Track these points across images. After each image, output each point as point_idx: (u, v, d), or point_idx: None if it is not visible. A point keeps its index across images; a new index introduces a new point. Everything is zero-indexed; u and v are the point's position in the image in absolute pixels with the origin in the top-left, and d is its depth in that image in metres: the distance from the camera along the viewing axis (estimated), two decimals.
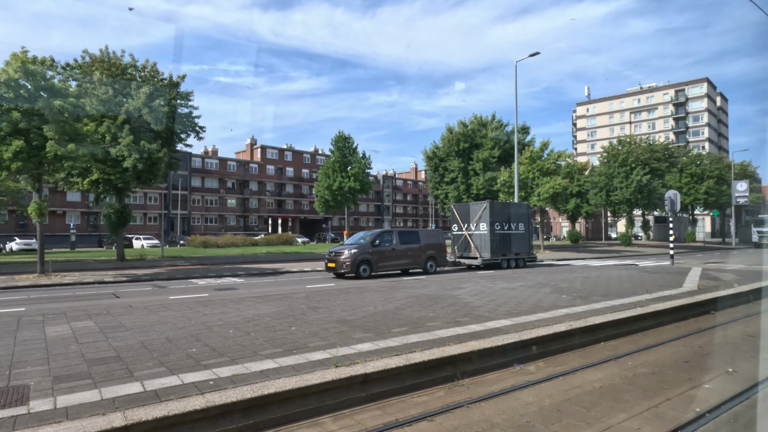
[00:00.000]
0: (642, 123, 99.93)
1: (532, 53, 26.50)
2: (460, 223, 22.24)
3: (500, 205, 22.05)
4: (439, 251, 19.43)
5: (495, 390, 5.59)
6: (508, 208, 22.10)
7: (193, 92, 26.66)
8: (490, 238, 20.83)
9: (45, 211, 17.86)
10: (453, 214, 22.64)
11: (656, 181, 48.20)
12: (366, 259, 17.37)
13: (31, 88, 16.88)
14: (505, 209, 21.84)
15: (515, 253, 21.95)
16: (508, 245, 21.57)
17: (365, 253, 17.45)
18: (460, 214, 22.35)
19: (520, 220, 22.31)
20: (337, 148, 47.70)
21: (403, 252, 18.37)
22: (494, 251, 20.94)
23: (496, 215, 21.18)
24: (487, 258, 20.78)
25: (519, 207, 22.76)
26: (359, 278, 16.84)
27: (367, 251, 17.48)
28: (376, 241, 17.87)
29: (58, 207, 56.10)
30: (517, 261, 22.10)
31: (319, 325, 8.01)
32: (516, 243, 22.01)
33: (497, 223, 21.14)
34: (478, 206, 21.48)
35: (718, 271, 18.98)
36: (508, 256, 21.54)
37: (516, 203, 23.61)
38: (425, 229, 24.10)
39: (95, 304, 10.89)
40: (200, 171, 72.02)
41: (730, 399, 5.24)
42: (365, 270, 17.31)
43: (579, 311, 9.32)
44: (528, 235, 22.68)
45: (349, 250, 17.37)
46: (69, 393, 4.61)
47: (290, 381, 4.91)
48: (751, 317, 10.47)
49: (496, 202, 22.73)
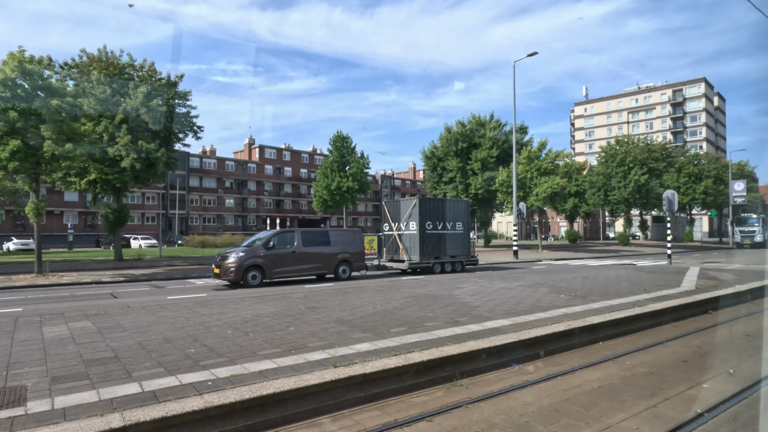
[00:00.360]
0: (640, 123, 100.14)
1: (530, 53, 26.52)
2: (390, 222, 19.95)
3: (433, 201, 19.80)
4: (354, 254, 17.20)
5: (494, 390, 5.58)
6: (443, 205, 19.74)
7: (191, 92, 26.62)
8: (419, 238, 18.45)
9: (42, 211, 17.81)
10: (383, 212, 20.49)
11: (654, 180, 48.30)
12: (256, 264, 14.79)
13: (29, 87, 16.83)
14: (440, 207, 19.50)
15: (451, 255, 19.54)
16: (442, 247, 19.22)
17: (255, 257, 14.86)
18: (390, 212, 20.02)
19: (458, 218, 19.90)
20: (336, 147, 47.67)
21: (308, 255, 15.93)
22: (425, 253, 18.63)
23: (428, 213, 18.90)
24: (416, 261, 18.54)
25: (456, 204, 20.29)
26: (248, 286, 14.42)
27: (258, 255, 14.93)
28: (271, 242, 15.30)
29: (56, 207, 55.93)
30: (454, 264, 19.64)
31: (318, 325, 8.00)
32: (452, 244, 19.61)
33: (429, 222, 18.83)
34: (408, 203, 19.25)
35: (716, 270, 19.02)
36: (442, 259, 19.18)
37: (453, 200, 20.88)
38: (338, 228, 21.89)
39: (93, 305, 10.85)
40: (198, 171, 71.91)
41: (729, 398, 5.25)
42: (255, 277, 14.73)
43: (577, 311, 9.33)
44: (467, 235, 20.36)
45: (236, 254, 14.77)
46: (66, 394, 4.59)
47: (289, 381, 4.90)
48: (750, 316, 10.50)
49: (428, 198, 20.48)
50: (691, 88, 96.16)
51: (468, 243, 20.41)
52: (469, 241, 20.60)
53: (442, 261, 19.25)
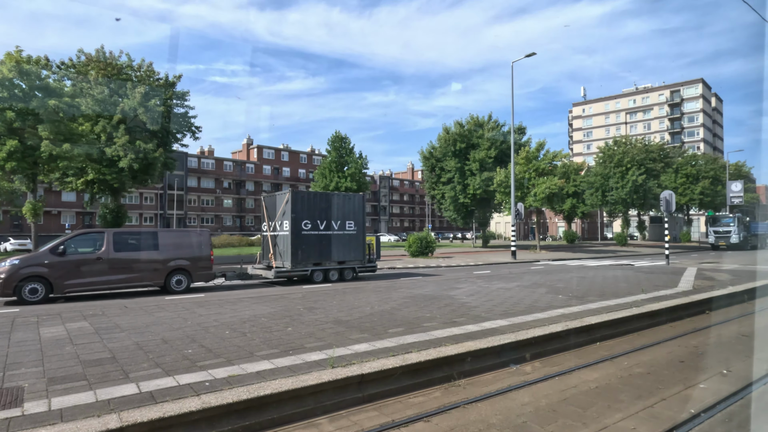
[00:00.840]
0: (637, 123, 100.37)
1: (528, 54, 26.54)
2: (268, 220, 16.58)
3: (313, 196, 16.10)
4: (194, 260, 13.66)
5: (491, 390, 5.60)
6: (328, 200, 16.07)
7: (189, 92, 26.59)
8: (292, 241, 15.03)
9: (40, 212, 17.79)
10: (262, 209, 16.95)
11: (652, 181, 48.42)
12: (38, 275, 11.41)
13: (26, 87, 16.82)
14: (322, 202, 15.90)
15: (338, 261, 16.16)
16: (325, 251, 15.82)
17: (36, 265, 11.51)
18: (268, 209, 16.62)
19: (349, 217, 16.37)
20: (334, 148, 47.70)
21: (123, 263, 12.59)
22: (300, 259, 15.23)
23: (306, 210, 15.41)
24: (285, 269, 15.13)
25: (346, 199, 16.60)
26: (24, 303, 11.13)
27: (40, 262, 11.56)
28: (62, 246, 11.86)
29: (53, 207, 55.81)
30: (343, 272, 16.19)
31: (316, 325, 8.01)
32: (340, 248, 16.15)
33: (307, 222, 15.36)
34: (282, 197, 15.85)
35: (713, 271, 19.08)
36: (325, 266, 15.81)
37: (342, 194, 17.17)
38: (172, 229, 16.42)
39: (90, 305, 10.83)
40: (196, 171, 71.82)
41: (725, 399, 5.27)
42: (35, 291, 11.32)
43: (575, 311, 9.35)
44: (361, 236, 16.77)
45: (10, 262, 11.52)
46: (64, 395, 4.58)
47: (286, 382, 4.90)
48: (746, 317, 10.54)
49: (305, 191, 16.99)
50: (689, 89, 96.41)
51: (363, 246, 16.87)
52: (365, 244, 17.01)
53: (326, 268, 15.83)
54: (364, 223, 17.10)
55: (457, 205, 41.95)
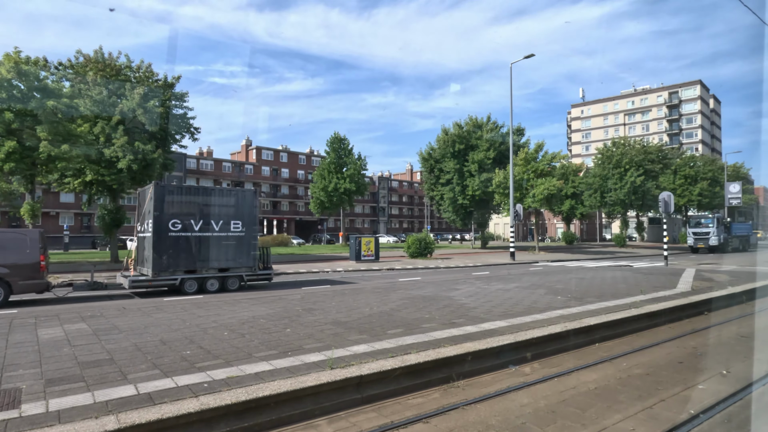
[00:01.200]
0: (636, 125, 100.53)
1: (527, 55, 26.56)
2: (138, 219, 14.35)
3: (185, 190, 13.55)
4: (16, 268, 11.21)
5: (490, 391, 5.59)
6: (207, 195, 13.58)
7: (188, 93, 26.57)
8: (154, 243, 12.62)
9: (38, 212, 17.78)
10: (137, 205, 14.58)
11: (650, 182, 48.50)
12: None
13: (24, 88, 16.80)
14: (197, 197, 13.38)
15: (219, 268, 13.64)
16: (201, 256, 13.30)
17: None
18: (139, 205, 14.29)
19: (235, 216, 13.83)
20: (333, 149, 47.72)
21: None
22: (165, 266, 12.79)
23: (176, 206, 12.94)
24: (144, 277, 12.80)
25: (231, 195, 14.15)
26: None
27: None
28: None
29: (51, 208, 55.68)
30: (224, 280, 13.70)
31: (315, 326, 7.99)
32: (222, 252, 13.62)
33: (176, 221, 12.86)
34: (146, 192, 13.59)
35: (712, 272, 19.10)
36: (201, 273, 13.32)
37: (227, 188, 14.88)
38: None
39: (88, 306, 10.81)
40: (195, 172, 71.77)
41: (724, 400, 5.27)
42: None
43: (574, 312, 9.35)
44: (251, 239, 14.13)
45: None
46: (61, 396, 4.57)
47: (285, 383, 4.89)
48: (745, 318, 10.54)
49: (175, 184, 14.20)
50: (687, 90, 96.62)
51: (252, 250, 14.20)
52: (255, 248, 14.31)
53: (202, 276, 13.33)
54: (256, 223, 14.39)
55: (456, 206, 41.97)
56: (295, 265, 24.84)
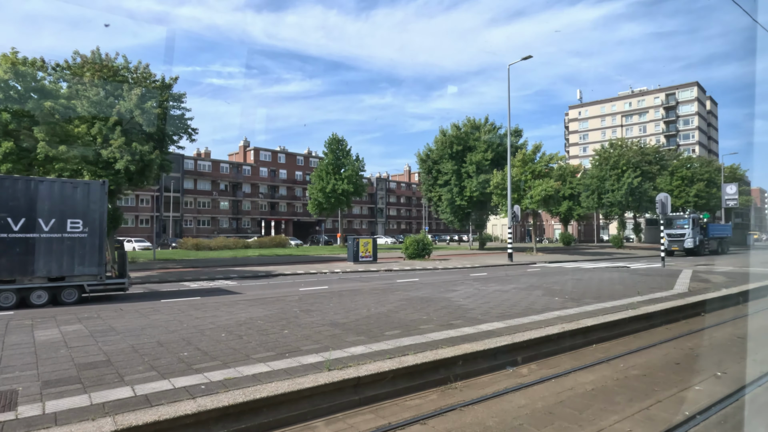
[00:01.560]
0: (633, 126, 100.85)
1: (524, 57, 26.62)
2: None
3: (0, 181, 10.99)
4: None
5: (488, 393, 5.60)
6: (33, 189, 11.11)
7: (186, 94, 26.53)
8: None
9: None
10: None
11: (647, 183, 48.65)
12: None
13: (21, 89, 16.77)
14: (17, 191, 10.93)
15: (51, 277, 11.38)
16: (22, 262, 10.92)
17: None
18: None
19: (73, 214, 11.52)
20: (331, 150, 47.72)
21: None
22: None
23: None
24: None
25: (67, 188, 11.70)
26: None
27: None
28: None
29: None
30: (59, 292, 11.49)
31: (312, 328, 7.99)
32: (54, 258, 11.29)
33: None
34: None
35: (708, 273, 19.16)
36: (23, 284, 11.06)
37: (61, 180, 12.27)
38: None
39: (85, 308, 10.77)
40: (193, 173, 71.62)
41: (720, 401, 5.29)
42: None
43: (571, 313, 9.37)
44: (97, 241, 11.84)
45: None
46: (58, 398, 4.56)
47: (282, 385, 4.89)
48: (740, 319, 10.59)
49: None
50: (684, 92, 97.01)
51: (99, 254, 11.91)
52: (102, 252, 12.06)
53: (25, 287, 11.05)
54: (103, 222, 12.09)
55: (454, 208, 42.02)
56: (292, 267, 24.82)
